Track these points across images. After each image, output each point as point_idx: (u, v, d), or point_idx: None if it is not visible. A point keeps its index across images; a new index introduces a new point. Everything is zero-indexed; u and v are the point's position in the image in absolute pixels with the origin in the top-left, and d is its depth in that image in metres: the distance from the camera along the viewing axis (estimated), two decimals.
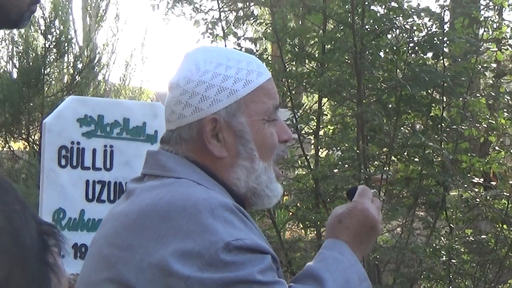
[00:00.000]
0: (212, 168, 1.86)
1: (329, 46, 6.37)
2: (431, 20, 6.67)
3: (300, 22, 7.01)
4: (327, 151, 6.99)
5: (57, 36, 7.14)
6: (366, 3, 6.27)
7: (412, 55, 6.62)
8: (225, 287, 1.68)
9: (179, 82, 1.88)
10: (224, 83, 1.85)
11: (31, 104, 6.13)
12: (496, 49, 7.43)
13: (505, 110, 7.30)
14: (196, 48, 1.97)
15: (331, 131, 7.04)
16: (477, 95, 6.95)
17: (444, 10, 7.05)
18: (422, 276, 6.29)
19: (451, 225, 6.74)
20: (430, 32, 6.62)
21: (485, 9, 7.41)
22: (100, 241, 1.85)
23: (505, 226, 6.71)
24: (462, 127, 6.45)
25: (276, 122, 1.91)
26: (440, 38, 6.50)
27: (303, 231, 7.65)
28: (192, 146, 1.87)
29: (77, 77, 7.00)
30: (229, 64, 1.88)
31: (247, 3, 10.14)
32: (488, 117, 6.89)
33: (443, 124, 6.43)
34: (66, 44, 7.36)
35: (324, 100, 6.94)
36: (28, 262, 0.90)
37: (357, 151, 6.19)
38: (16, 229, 0.89)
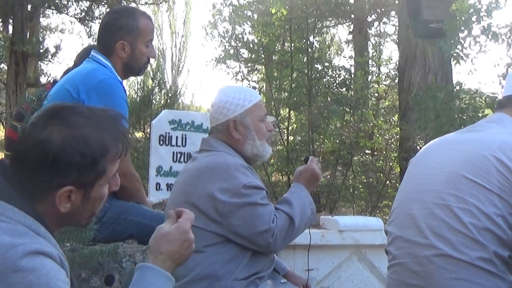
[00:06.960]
0: (234, 145, 1.84)
1: (294, 84, 6.35)
2: (345, 72, 6.64)
3: (280, 72, 6.94)
4: (293, 137, 6.94)
5: (159, 80, 7.08)
6: (314, 62, 6.31)
7: (335, 89, 6.58)
8: (242, 206, 1.68)
9: (216, 102, 1.86)
10: (239, 101, 1.83)
11: (145, 113, 6.12)
12: (377, 86, 7.44)
13: (381, 117, 7.32)
14: (224, 86, 1.95)
15: (295, 127, 7.00)
16: (368, 109, 6.91)
17: (351, 67, 7.01)
18: (340, 200, 6.27)
19: (354, 174, 6.72)
20: (344, 77, 6.59)
21: (372, 65, 7.40)
22: (180, 182, 1.84)
23: (381, 175, 6.71)
24: (360, 125, 6.42)
25: (265, 121, 1.88)
26: (350, 81, 6.47)
27: (280, 177, 7.62)
28: (224, 134, 1.84)
29: (168, 101, 6.96)
30: (240, 92, 1.86)
31: (254, 64, 10.16)
32: (373, 120, 6.89)
33: (350, 124, 6.40)
34: (163, 85, 7.30)
35: (292, 111, 6.90)
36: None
37: (308, 137, 6.17)
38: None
